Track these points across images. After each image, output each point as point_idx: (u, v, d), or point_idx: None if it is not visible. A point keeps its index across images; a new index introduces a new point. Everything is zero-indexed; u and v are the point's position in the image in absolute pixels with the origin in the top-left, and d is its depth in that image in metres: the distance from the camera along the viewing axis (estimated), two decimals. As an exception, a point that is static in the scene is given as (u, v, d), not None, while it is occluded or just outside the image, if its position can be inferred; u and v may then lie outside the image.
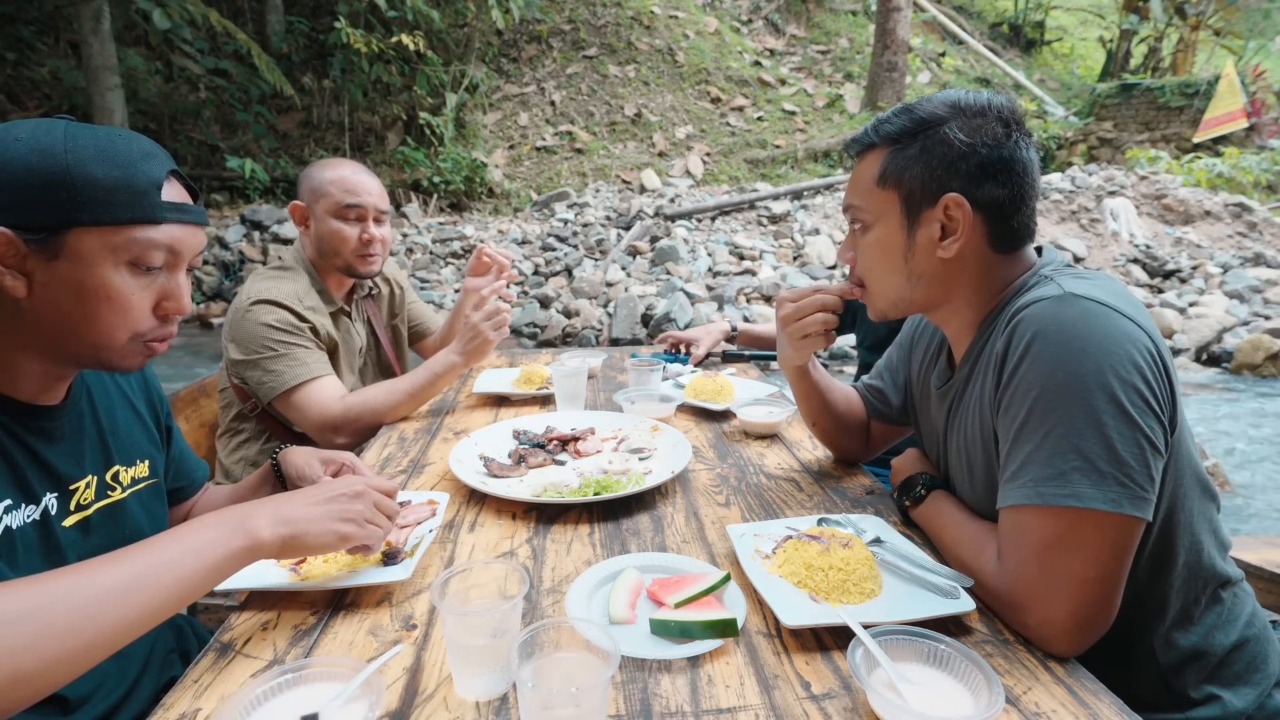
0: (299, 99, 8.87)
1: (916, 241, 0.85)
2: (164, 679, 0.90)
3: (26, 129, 0.68)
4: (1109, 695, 0.65)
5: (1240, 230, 7.23)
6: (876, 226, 0.88)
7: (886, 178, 0.86)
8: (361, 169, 1.58)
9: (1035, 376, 0.73)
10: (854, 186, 0.91)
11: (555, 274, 6.62)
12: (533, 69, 10.55)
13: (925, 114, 0.84)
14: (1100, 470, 0.69)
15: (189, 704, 0.64)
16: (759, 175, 9.20)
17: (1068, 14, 14.98)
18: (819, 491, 1.12)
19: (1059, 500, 0.70)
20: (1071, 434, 0.70)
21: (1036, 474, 0.72)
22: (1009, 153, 0.81)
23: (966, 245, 0.83)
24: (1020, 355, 0.75)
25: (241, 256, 6.86)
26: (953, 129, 0.81)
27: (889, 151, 0.86)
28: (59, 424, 0.79)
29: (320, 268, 1.58)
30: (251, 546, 0.69)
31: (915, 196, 0.84)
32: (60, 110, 7.90)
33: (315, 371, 1.42)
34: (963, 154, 0.81)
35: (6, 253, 0.66)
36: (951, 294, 0.88)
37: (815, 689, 0.66)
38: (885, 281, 0.90)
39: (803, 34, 12.18)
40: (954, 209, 0.82)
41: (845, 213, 0.93)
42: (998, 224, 0.83)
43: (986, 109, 0.82)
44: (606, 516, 1.03)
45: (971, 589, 0.80)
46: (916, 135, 0.84)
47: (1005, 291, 0.86)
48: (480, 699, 0.65)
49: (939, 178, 0.82)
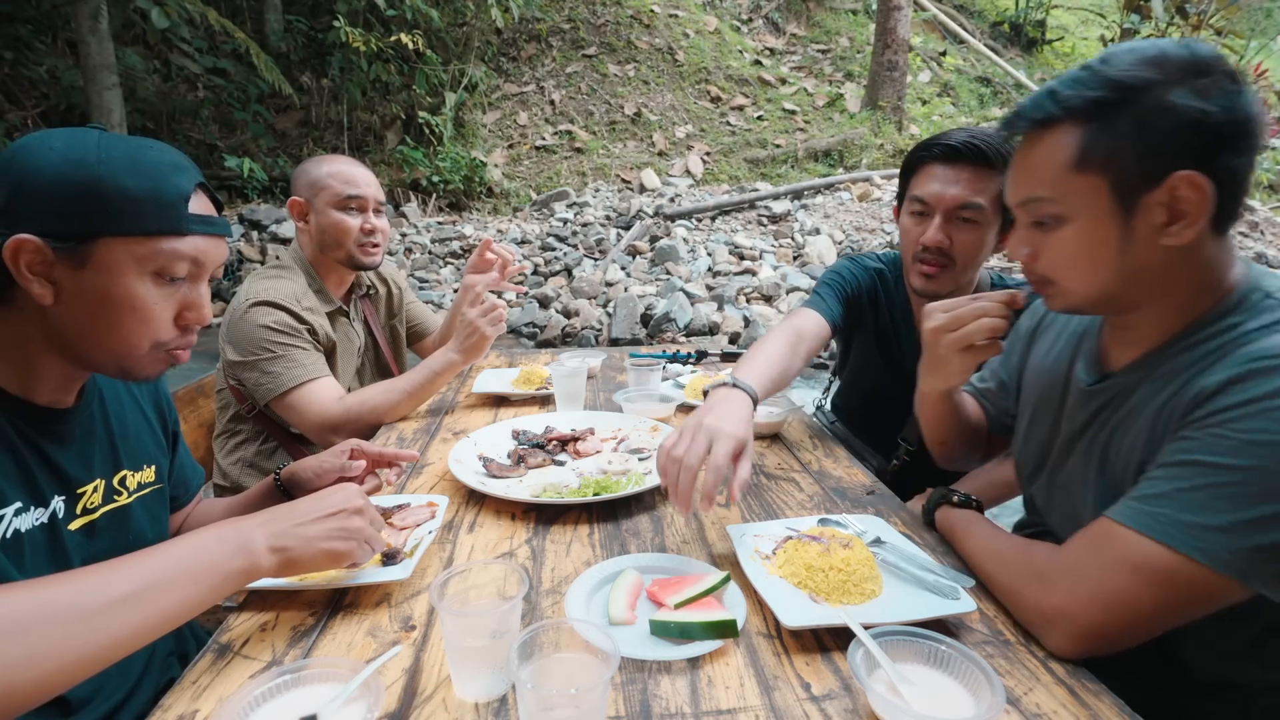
0: (297, 98, 8.85)
1: (1135, 232, 0.71)
2: (164, 681, 0.90)
3: (61, 138, 0.70)
4: (1110, 696, 0.65)
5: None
6: (1077, 220, 0.73)
7: (1090, 161, 0.70)
8: (356, 162, 1.59)
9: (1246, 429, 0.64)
10: (1032, 174, 0.75)
11: (554, 274, 6.62)
12: (532, 68, 10.54)
13: (1130, 78, 0.68)
14: (1250, 543, 0.62)
15: (187, 705, 0.64)
16: (759, 175, 9.20)
17: (1069, 13, 14.97)
18: (819, 492, 1.12)
19: (1185, 549, 0.64)
20: (1243, 498, 0.63)
21: (1176, 513, 0.65)
22: (1244, 113, 0.67)
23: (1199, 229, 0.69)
24: (1242, 403, 0.65)
25: (240, 256, 6.85)
26: (1177, 93, 0.66)
27: (1087, 128, 0.70)
28: (71, 427, 0.79)
29: (319, 266, 1.58)
30: (250, 569, 0.70)
31: (1132, 179, 0.69)
32: (58, 109, 7.89)
33: (313, 373, 1.42)
34: (1194, 121, 0.66)
35: (35, 260, 0.68)
36: (1167, 289, 0.74)
37: (815, 690, 0.66)
38: (1087, 281, 0.75)
39: (803, 33, 12.18)
40: (1186, 189, 0.67)
41: (1019, 208, 0.78)
42: (1229, 199, 0.69)
43: (1212, 65, 0.67)
44: (606, 517, 1.03)
45: (975, 588, 0.80)
46: (1122, 106, 0.68)
47: (1219, 295, 0.73)
48: (479, 700, 0.64)
49: (1164, 154, 0.67)
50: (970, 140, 1.20)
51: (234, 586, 0.69)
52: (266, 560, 0.71)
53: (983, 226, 1.22)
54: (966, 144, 1.20)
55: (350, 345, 1.66)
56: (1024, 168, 0.76)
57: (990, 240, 1.24)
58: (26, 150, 0.69)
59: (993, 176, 1.20)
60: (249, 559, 0.70)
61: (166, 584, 0.63)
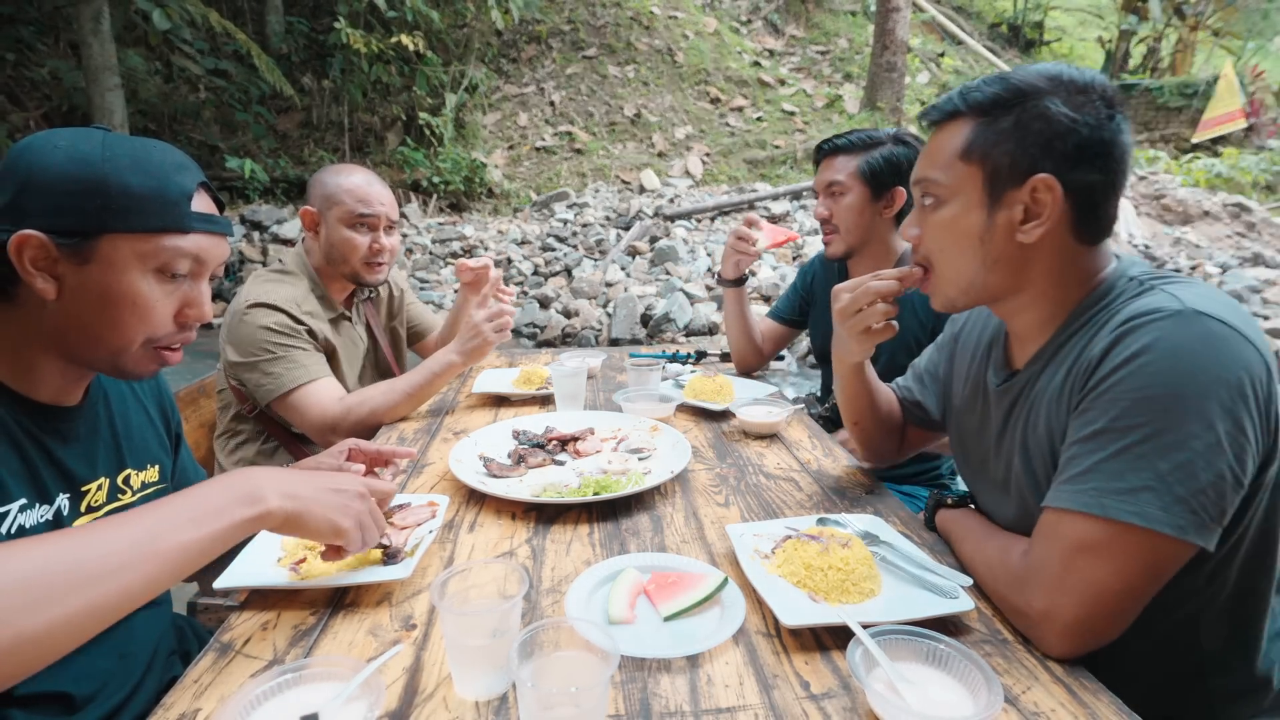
0: (298, 99, 8.86)
1: (996, 223, 0.79)
2: (166, 679, 0.91)
3: (66, 137, 0.71)
4: (1108, 695, 0.65)
5: (1239, 230, 7.22)
6: (952, 203, 0.81)
7: (972, 151, 0.78)
8: (375, 179, 1.58)
9: (1131, 388, 0.69)
10: (929, 158, 0.84)
11: (555, 274, 6.62)
12: (532, 69, 10.55)
13: (1023, 84, 0.76)
14: (1175, 493, 0.66)
15: (189, 704, 0.64)
16: (758, 175, 9.20)
17: (1067, 14, 14.99)
18: (818, 491, 1.12)
19: (1121, 515, 0.67)
20: (1153, 452, 0.66)
21: (1103, 484, 0.68)
22: (1110, 135, 0.74)
23: (1050, 232, 0.77)
24: (1121, 364, 0.70)
25: (241, 257, 6.85)
26: (1054, 103, 0.74)
27: (977, 123, 0.78)
28: (75, 425, 0.80)
29: (324, 274, 1.58)
30: (258, 517, 0.68)
31: (1001, 174, 0.77)
32: (60, 110, 7.90)
33: (313, 374, 1.42)
34: (1061, 132, 0.74)
35: (39, 256, 0.68)
36: (1026, 283, 0.81)
37: (814, 689, 0.66)
38: (956, 265, 0.83)
39: (802, 34, 12.19)
40: (1043, 191, 0.75)
41: (915, 186, 0.86)
42: (1086, 212, 0.77)
43: (1091, 86, 0.75)
44: (606, 516, 1.03)
45: (974, 587, 0.80)
46: (1011, 107, 0.76)
47: (1090, 288, 0.80)
48: (480, 699, 0.65)
49: (1031, 155, 0.75)
50: (827, 140, 1.62)
51: (240, 535, 0.67)
52: (276, 506, 0.69)
53: (849, 194, 1.56)
54: (824, 142, 1.62)
55: (355, 349, 1.66)
56: (926, 152, 0.85)
57: (860, 204, 1.56)
58: (32, 148, 0.70)
59: (850, 158, 1.55)
60: (257, 506, 0.68)
61: (174, 529, 0.62)
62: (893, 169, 1.53)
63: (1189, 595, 0.75)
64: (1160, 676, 0.80)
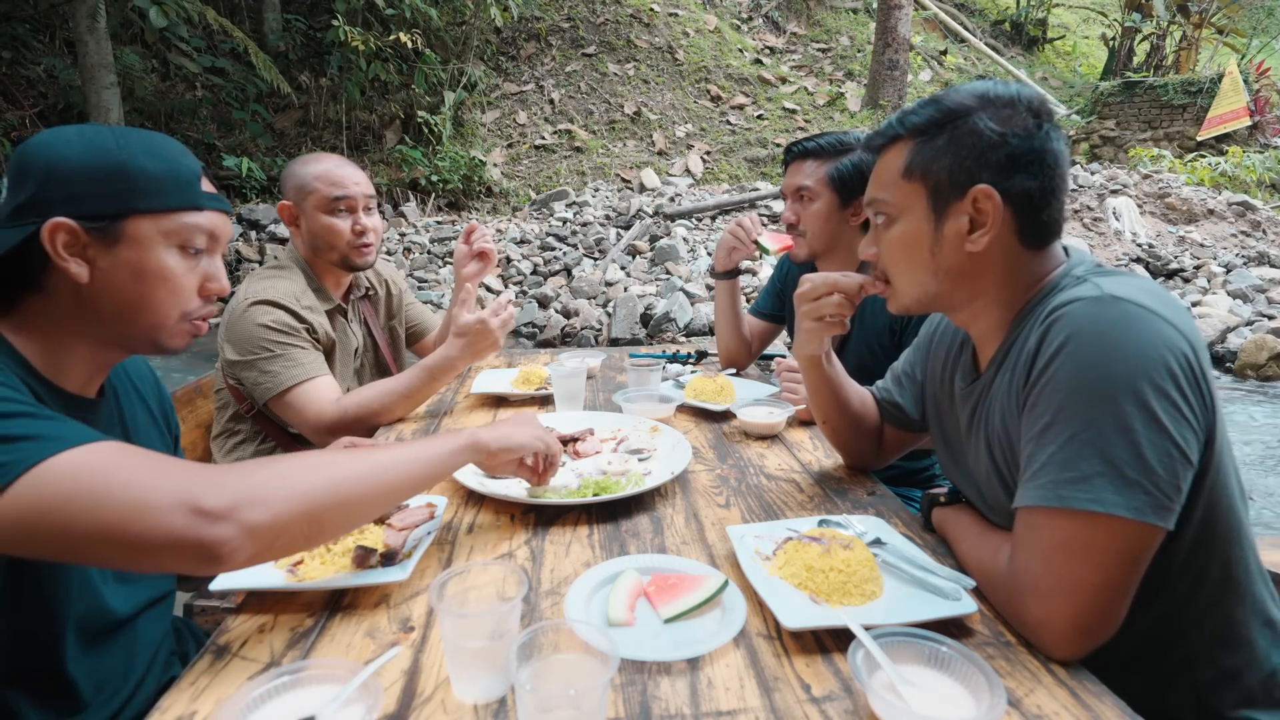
0: (296, 97, 8.84)
1: (944, 235, 0.83)
2: (166, 679, 0.92)
3: (75, 131, 0.76)
4: (1111, 698, 0.65)
5: (1244, 229, 7.22)
6: (901, 220, 0.86)
7: (913, 170, 0.84)
8: (344, 161, 1.57)
9: (1066, 377, 0.71)
10: (877, 180, 0.89)
11: (554, 274, 6.61)
12: (531, 67, 10.53)
13: (953, 104, 0.81)
14: (1126, 476, 0.67)
15: (185, 706, 0.64)
16: (759, 174, 9.19)
17: (1070, 11, 14.97)
18: (819, 493, 1.12)
19: (1079, 503, 0.68)
20: (1098, 438, 0.68)
21: (1057, 475, 0.70)
22: (1040, 144, 0.79)
23: (995, 239, 0.81)
24: (1052, 355, 0.73)
25: (238, 256, 6.83)
26: (982, 119, 0.79)
27: (915, 143, 0.84)
28: (98, 417, 0.83)
29: (316, 265, 1.57)
30: (474, 444, 0.90)
31: (943, 189, 0.82)
32: (56, 108, 7.88)
33: (311, 372, 1.42)
34: (993, 144, 0.79)
35: (70, 242, 0.73)
36: (978, 291, 0.86)
37: (816, 691, 0.65)
38: (909, 277, 0.88)
39: (803, 32, 12.17)
40: (983, 201, 0.80)
41: (868, 207, 0.91)
42: (1028, 217, 0.81)
43: (1016, 100, 0.80)
44: (605, 518, 1.02)
45: (977, 589, 0.80)
46: (944, 126, 0.81)
47: (1036, 289, 0.84)
48: (478, 701, 0.64)
49: (968, 169, 0.80)
50: (796, 142, 1.60)
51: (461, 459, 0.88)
52: (487, 436, 0.91)
53: (817, 200, 1.55)
54: (793, 144, 1.60)
55: (348, 345, 1.65)
56: (875, 175, 0.90)
57: (827, 211, 1.55)
58: (46, 144, 0.74)
59: (820, 164, 1.55)
60: (474, 437, 0.90)
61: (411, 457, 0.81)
62: (862, 177, 1.51)
63: (1166, 588, 0.77)
64: (1150, 671, 0.80)
